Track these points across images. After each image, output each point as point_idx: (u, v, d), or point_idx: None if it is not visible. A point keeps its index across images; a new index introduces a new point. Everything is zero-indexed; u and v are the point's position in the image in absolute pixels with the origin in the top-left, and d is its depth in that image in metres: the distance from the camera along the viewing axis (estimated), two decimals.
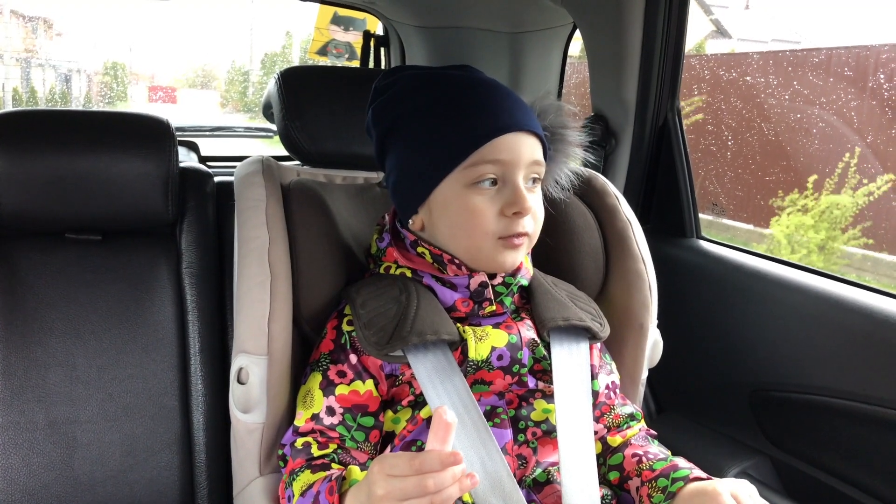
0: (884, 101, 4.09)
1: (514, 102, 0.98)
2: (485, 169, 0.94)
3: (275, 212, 1.08)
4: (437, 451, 0.74)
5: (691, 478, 0.93)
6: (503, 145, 0.94)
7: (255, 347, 1.00)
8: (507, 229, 0.95)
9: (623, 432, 1.07)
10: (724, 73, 4.84)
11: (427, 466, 0.73)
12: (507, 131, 0.94)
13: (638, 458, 1.00)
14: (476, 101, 0.96)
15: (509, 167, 0.94)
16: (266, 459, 1.04)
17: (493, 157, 0.94)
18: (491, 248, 0.96)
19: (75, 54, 9.76)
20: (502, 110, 0.96)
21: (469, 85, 0.98)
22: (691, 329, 1.57)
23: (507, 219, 0.95)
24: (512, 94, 1.00)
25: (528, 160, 0.96)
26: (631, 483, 0.99)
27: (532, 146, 0.97)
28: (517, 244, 0.96)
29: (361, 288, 1.01)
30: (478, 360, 0.97)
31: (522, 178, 0.96)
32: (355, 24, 2.98)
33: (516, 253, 0.98)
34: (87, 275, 1.26)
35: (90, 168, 1.22)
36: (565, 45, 1.92)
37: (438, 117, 0.96)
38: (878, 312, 1.26)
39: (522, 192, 0.94)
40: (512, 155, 0.94)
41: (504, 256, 0.97)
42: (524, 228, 0.96)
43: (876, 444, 1.27)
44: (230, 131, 2.81)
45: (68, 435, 1.19)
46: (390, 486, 0.75)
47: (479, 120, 0.94)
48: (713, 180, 4.83)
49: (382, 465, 0.76)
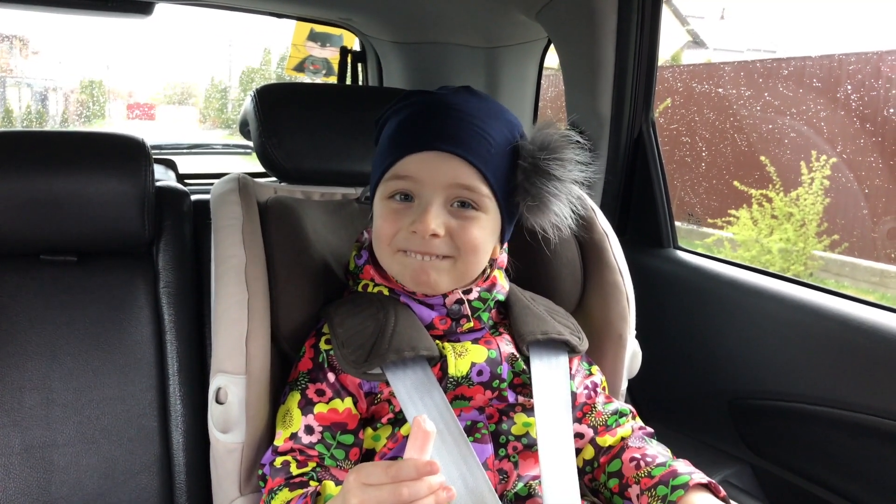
0: (851, 111, 4.17)
1: (456, 124, 0.96)
2: (397, 184, 0.96)
3: (251, 230, 1.08)
4: (414, 460, 0.74)
5: (692, 485, 0.93)
6: (417, 163, 0.95)
7: (233, 367, 1.00)
8: (404, 242, 0.96)
9: (613, 431, 1.06)
10: (696, 85, 4.91)
11: (403, 475, 0.73)
12: (422, 150, 0.95)
13: (636, 463, 1.00)
14: (417, 120, 0.98)
15: (423, 186, 0.95)
16: (246, 479, 1.03)
17: (404, 174, 0.96)
18: (390, 260, 0.98)
19: (52, 72, 9.68)
20: (430, 130, 0.96)
21: (429, 105, 0.99)
22: (670, 339, 1.58)
23: (411, 234, 0.95)
24: (466, 117, 0.96)
25: (447, 182, 0.94)
26: (631, 490, 0.99)
27: (454, 169, 0.94)
28: (417, 258, 0.95)
29: (340, 306, 1.01)
30: (457, 377, 0.97)
31: (441, 198, 0.95)
32: (332, 40, 2.98)
33: (426, 275, 0.96)
34: (62, 296, 1.25)
35: (65, 189, 1.21)
36: (541, 60, 1.94)
37: (385, 135, 1.01)
38: (852, 319, 1.28)
39: (429, 212, 0.93)
40: (424, 174, 0.95)
41: (403, 270, 0.97)
42: (425, 248, 0.95)
43: (853, 449, 1.29)
44: (208, 148, 2.80)
45: (45, 459, 1.17)
46: (365, 495, 0.75)
47: (406, 137, 0.97)
48: (688, 191, 4.89)
49: (359, 474, 0.76)
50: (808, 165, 4.22)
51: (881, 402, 1.23)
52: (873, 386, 1.24)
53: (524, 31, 1.85)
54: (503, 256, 1.07)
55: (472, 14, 1.84)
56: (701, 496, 0.92)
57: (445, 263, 0.96)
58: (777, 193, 4.40)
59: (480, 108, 0.99)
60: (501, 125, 0.98)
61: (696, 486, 0.93)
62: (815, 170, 4.18)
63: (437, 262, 0.96)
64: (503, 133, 0.98)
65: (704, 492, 0.94)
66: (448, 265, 0.96)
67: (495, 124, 0.98)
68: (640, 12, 1.55)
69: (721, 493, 0.94)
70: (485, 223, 0.97)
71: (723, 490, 0.94)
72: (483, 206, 0.96)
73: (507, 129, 0.98)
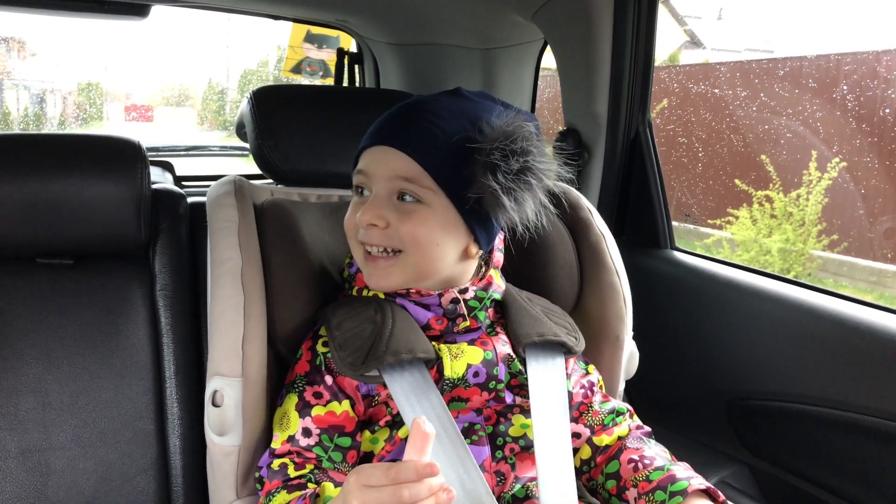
0: (847, 111, 4.18)
1: (405, 121, 0.98)
2: (356, 178, 1.01)
3: (247, 233, 1.08)
4: (414, 462, 0.74)
5: (690, 491, 0.92)
6: (367, 158, 0.99)
7: (229, 369, 1.00)
8: (361, 235, 0.99)
9: (609, 430, 1.06)
10: (692, 86, 4.92)
11: (403, 476, 0.73)
12: (372, 145, 0.99)
13: (634, 465, 0.99)
14: (380, 119, 1.01)
15: (371, 179, 0.98)
16: (243, 482, 1.03)
17: (360, 168, 1.00)
18: (360, 257, 1.01)
19: (49, 74, 9.66)
20: (383, 128, 0.99)
21: (400, 105, 1.02)
22: (667, 339, 1.58)
23: (360, 227, 0.98)
24: (420, 114, 0.97)
25: (387, 174, 0.96)
26: (629, 493, 0.98)
27: (394, 162, 0.95)
28: (373, 258, 0.98)
29: (336, 308, 1.01)
30: (454, 378, 0.97)
31: (385, 191, 0.97)
32: (329, 41, 2.98)
33: (377, 270, 0.98)
34: (59, 299, 1.24)
35: (60, 191, 1.21)
36: (537, 61, 1.94)
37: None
38: (850, 320, 1.28)
39: (372, 203, 0.96)
40: (371, 168, 0.98)
41: (367, 270, 1.00)
42: (370, 239, 0.97)
43: (851, 450, 1.29)
44: (206, 150, 2.79)
45: (41, 462, 1.17)
46: (366, 497, 0.74)
47: (366, 135, 1.01)
48: (685, 191, 4.90)
49: (359, 476, 0.76)
50: (817, 166, 4.21)
51: (879, 403, 1.23)
52: (871, 386, 1.24)
53: (520, 33, 1.85)
54: (499, 256, 1.07)
55: (469, 15, 1.84)
56: (699, 503, 0.92)
57: (397, 260, 0.97)
58: (777, 193, 4.41)
59: (448, 106, 0.98)
60: (463, 120, 0.95)
61: (694, 493, 0.93)
62: (827, 170, 4.17)
63: (388, 259, 0.97)
64: (460, 127, 0.95)
65: (703, 497, 0.93)
66: (398, 260, 0.97)
67: (454, 120, 0.95)
68: (637, 13, 1.56)
69: (720, 498, 0.94)
70: (427, 216, 0.96)
71: (722, 495, 0.94)
72: (426, 199, 0.95)
73: (468, 123, 0.95)
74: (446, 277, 1.00)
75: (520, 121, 0.94)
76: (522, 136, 0.92)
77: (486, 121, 0.94)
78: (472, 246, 1.00)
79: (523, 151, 0.92)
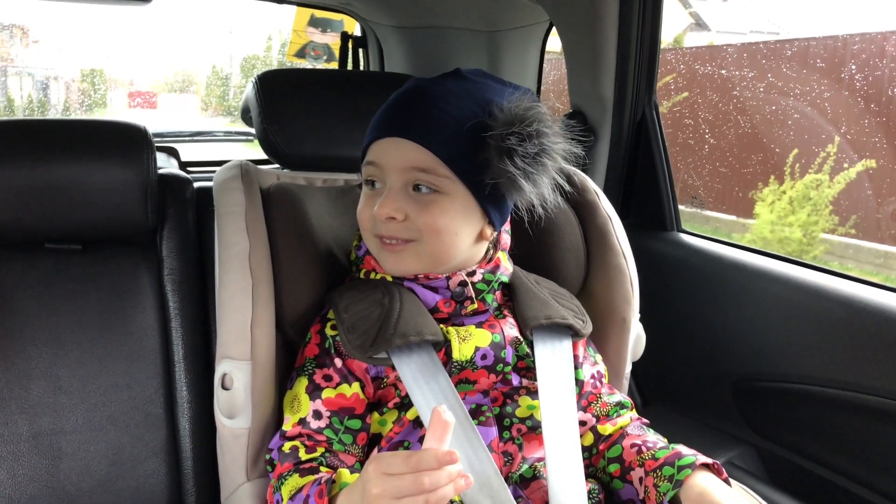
0: (855, 91, 4.14)
1: (413, 109, 0.96)
2: (366, 170, 1.00)
3: (254, 217, 1.08)
4: (434, 450, 0.75)
5: (698, 464, 0.93)
6: (377, 150, 0.98)
7: (238, 353, 1.00)
8: (377, 228, 0.98)
9: (613, 420, 1.07)
10: (699, 67, 4.88)
11: (424, 464, 0.74)
12: (382, 137, 0.97)
13: (637, 448, 1.00)
14: (385, 108, 1.00)
15: (384, 171, 0.97)
16: (253, 464, 1.04)
17: (371, 160, 0.99)
18: (375, 246, 1.00)
19: (52, 61, 9.64)
20: (388, 117, 0.98)
21: (401, 92, 1.00)
22: (674, 322, 1.58)
23: (379, 220, 0.97)
24: (428, 101, 0.96)
25: (401, 166, 0.95)
26: (633, 474, 0.99)
27: (408, 153, 0.94)
28: (388, 245, 0.98)
29: (344, 292, 1.01)
30: (462, 361, 0.97)
31: (400, 183, 0.96)
32: (333, 25, 2.97)
33: (392, 255, 0.98)
34: (67, 284, 1.25)
35: (68, 177, 1.22)
36: (542, 43, 1.93)
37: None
38: (857, 301, 1.28)
39: (389, 196, 0.95)
40: (383, 160, 0.97)
41: (382, 256, 1.00)
42: (388, 231, 0.97)
43: (858, 431, 1.29)
44: (210, 136, 2.79)
45: (53, 446, 1.18)
46: (386, 485, 0.75)
47: (373, 125, 1.00)
48: (692, 173, 4.87)
49: (379, 464, 0.77)
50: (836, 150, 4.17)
51: (885, 384, 1.23)
52: (878, 367, 1.24)
53: (526, 15, 1.83)
54: (506, 238, 1.07)
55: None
56: (707, 476, 0.93)
57: (410, 247, 0.97)
58: (789, 178, 4.37)
59: (452, 90, 0.97)
60: (471, 104, 0.95)
61: (700, 467, 0.94)
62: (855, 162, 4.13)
63: (402, 245, 0.97)
64: (470, 112, 0.94)
65: (709, 472, 0.94)
66: (413, 248, 0.97)
67: (462, 105, 0.95)
68: None
69: (723, 475, 0.95)
70: (446, 205, 0.95)
71: (724, 472, 0.95)
72: (443, 188, 0.95)
73: (477, 107, 0.94)
74: (460, 262, 1.01)
75: (529, 101, 0.93)
76: (537, 119, 0.92)
77: (497, 104, 0.93)
78: (487, 228, 1.01)
79: (539, 134, 0.92)
